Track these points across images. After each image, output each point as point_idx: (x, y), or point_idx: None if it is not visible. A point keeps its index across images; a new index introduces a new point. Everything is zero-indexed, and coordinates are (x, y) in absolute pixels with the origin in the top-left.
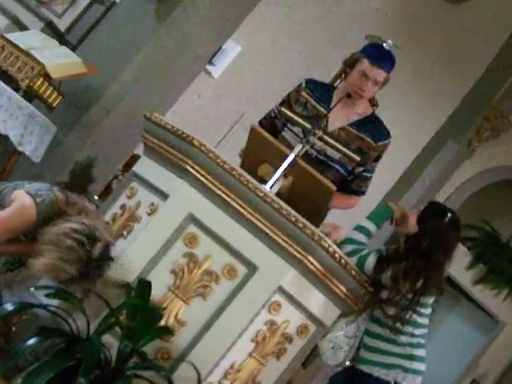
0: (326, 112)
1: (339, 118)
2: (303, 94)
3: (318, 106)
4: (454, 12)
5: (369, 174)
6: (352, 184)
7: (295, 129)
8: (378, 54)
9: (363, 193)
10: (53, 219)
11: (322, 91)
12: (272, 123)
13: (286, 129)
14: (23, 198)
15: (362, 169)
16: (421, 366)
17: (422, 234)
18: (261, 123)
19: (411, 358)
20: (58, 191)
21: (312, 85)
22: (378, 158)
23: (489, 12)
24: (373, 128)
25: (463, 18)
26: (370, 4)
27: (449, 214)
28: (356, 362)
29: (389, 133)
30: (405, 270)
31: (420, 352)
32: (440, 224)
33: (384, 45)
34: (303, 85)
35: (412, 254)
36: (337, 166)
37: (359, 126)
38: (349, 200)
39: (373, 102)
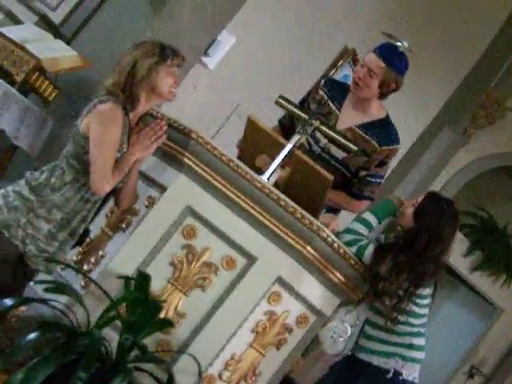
0: (337, 110)
1: (350, 118)
2: (320, 92)
3: (331, 104)
4: None
5: (373, 180)
6: (354, 187)
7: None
8: (383, 46)
9: (367, 197)
10: None
11: (337, 90)
12: (291, 121)
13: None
14: (97, 109)
15: (365, 173)
16: (419, 355)
17: (420, 229)
18: (280, 122)
19: (410, 346)
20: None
21: (330, 83)
22: (382, 164)
23: None
24: (381, 131)
25: (458, 4)
26: None
27: (447, 207)
28: (356, 350)
29: (397, 138)
30: (401, 263)
31: (419, 341)
32: (438, 219)
33: (397, 44)
34: (322, 83)
35: (409, 249)
36: (340, 166)
37: (368, 128)
38: (352, 202)
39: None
